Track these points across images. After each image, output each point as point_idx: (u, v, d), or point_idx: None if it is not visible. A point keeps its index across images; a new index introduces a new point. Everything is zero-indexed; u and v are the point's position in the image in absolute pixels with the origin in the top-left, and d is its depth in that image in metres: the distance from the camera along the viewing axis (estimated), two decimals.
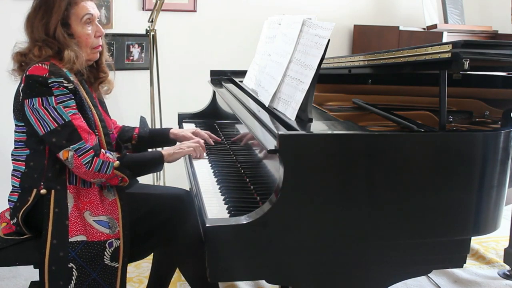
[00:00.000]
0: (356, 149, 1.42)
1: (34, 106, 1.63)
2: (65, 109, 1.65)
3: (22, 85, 1.67)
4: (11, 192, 1.75)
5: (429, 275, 2.47)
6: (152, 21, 2.94)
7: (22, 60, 1.75)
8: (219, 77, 2.65)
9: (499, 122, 1.97)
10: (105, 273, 1.65)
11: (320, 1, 3.75)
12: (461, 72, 1.65)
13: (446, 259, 1.55)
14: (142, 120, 2.08)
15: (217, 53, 3.51)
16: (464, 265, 1.56)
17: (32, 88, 1.64)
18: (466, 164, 1.48)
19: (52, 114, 1.63)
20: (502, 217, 1.60)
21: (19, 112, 1.71)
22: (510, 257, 2.66)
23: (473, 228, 1.51)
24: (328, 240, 1.43)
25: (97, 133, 1.74)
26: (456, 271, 2.67)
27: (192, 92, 3.39)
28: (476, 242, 3.03)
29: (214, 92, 2.60)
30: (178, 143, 1.97)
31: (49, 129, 1.64)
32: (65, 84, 1.65)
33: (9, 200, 1.75)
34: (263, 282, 2.17)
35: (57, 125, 1.64)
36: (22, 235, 1.73)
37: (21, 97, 1.67)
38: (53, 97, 1.63)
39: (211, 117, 2.58)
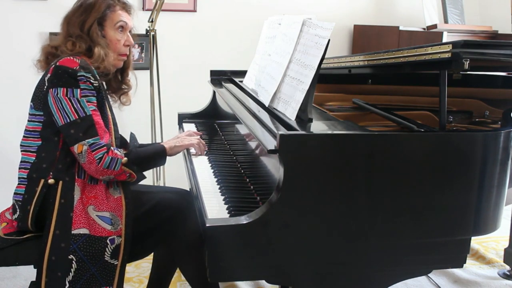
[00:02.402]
0: (356, 149, 1.42)
1: (58, 95, 1.66)
2: (88, 103, 1.68)
3: (49, 75, 1.69)
4: (18, 185, 1.74)
5: (429, 275, 2.47)
6: (152, 21, 2.94)
7: (51, 52, 1.79)
8: (219, 77, 2.65)
9: (499, 122, 1.97)
10: (104, 270, 1.65)
11: (320, 1, 3.75)
12: (461, 72, 1.65)
13: (446, 259, 1.55)
14: (132, 136, 2.11)
15: (217, 53, 3.51)
16: (464, 265, 1.56)
17: (59, 78, 1.67)
18: (466, 164, 1.48)
19: (74, 106, 1.66)
20: (502, 217, 1.60)
21: (39, 101, 1.73)
22: (510, 257, 2.66)
23: (473, 228, 1.51)
24: (328, 240, 1.43)
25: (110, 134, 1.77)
26: (456, 271, 2.67)
27: (192, 92, 3.39)
28: (476, 242, 3.03)
29: (214, 92, 2.60)
30: (177, 135, 1.99)
31: (69, 120, 1.66)
32: (92, 81, 1.70)
33: (15, 193, 1.74)
34: (263, 282, 2.17)
35: (77, 117, 1.66)
36: (22, 235, 1.73)
37: (45, 87, 1.70)
38: (78, 90, 1.67)
39: (211, 117, 2.58)
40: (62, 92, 1.66)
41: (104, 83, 1.88)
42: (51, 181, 1.69)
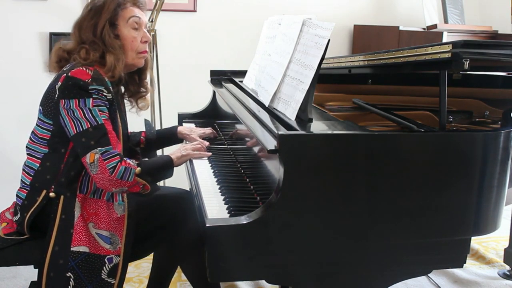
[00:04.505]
0: (356, 149, 1.42)
1: (71, 108, 1.62)
2: (100, 113, 1.64)
3: (60, 83, 1.65)
4: (20, 188, 1.74)
5: (429, 275, 2.47)
6: (152, 21, 2.94)
7: (63, 56, 1.75)
8: (219, 77, 2.65)
9: (499, 122, 1.97)
10: None
11: (320, 1, 3.75)
12: (461, 72, 1.64)
13: (446, 259, 1.55)
14: (147, 123, 2.07)
15: (217, 53, 3.52)
16: (464, 265, 1.56)
17: (70, 90, 1.62)
18: (466, 164, 1.48)
19: (86, 115, 1.62)
20: (502, 217, 1.60)
21: (50, 109, 1.69)
22: (510, 257, 2.66)
23: (473, 228, 1.51)
24: (328, 240, 1.43)
25: None
26: (456, 271, 2.67)
27: (192, 92, 3.40)
28: (476, 242, 3.03)
29: (214, 92, 2.60)
30: (181, 144, 1.96)
31: (81, 129, 1.61)
32: (104, 93, 1.65)
33: (17, 196, 1.74)
34: (263, 282, 2.17)
35: (89, 126, 1.61)
36: (22, 235, 1.73)
37: (56, 96, 1.65)
38: (90, 99, 1.62)
39: (211, 117, 2.58)
40: (75, 103, 1.61)
41: (122, 88, 1.84)
42: (52, 194, 1.67)
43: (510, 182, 1.60)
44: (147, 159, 1.92)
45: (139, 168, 1.65)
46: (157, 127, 3.12)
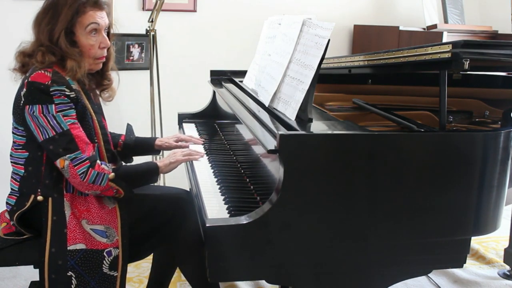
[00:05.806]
0: (356, 149, 1.42)
1: (34, 114, 1.62)
2: (64, 118, 1.63)
3: (24, 90, 1.65)
4: (9, 194, 1.74)
5: (429, 275, 2.47)
6: (152, 21, 2.94)
7: (24, 61, 1.74)
8: (219, 77, 2.65)
9: (499, 122, 1.97)
10: (104, 282, 1.64)
11: (320, 1, 3.75)
12: (461, 72, 1.64)
13: (446, 259, 1.55)
14: (129, 128, 2.07)
15: (217, 53, 3.51)
16: (464, 265, 1.57)
17: (33, 95, 1.62)
18: (466, 164, 1.48)
19: (51, 122, 1.62)
20: (502, 217, 1.60)
21: (19, 116, 1.69)
22: (510, 257, 2.66)
23: (473, 228, 1.51)
24: (328, 240, 1.43)
25: (96, 141, 1.74)
26: (456, 271, 2.67)
27: (192, 92, 3.39)
28: (476, 242, 3.03)
29: (214, 92, 2.60)
30: (171, 151, 1.94)
31: (47, 137, 1.62)
32: (67, 93, 1.64)
33: (6, 203, 1.74)
34: (263, 282, 2.17)
35: (55, 133, 1.62)
36: (22, 235, 1.73)
37: (22, 102, 1.66)
38: (53, 105, 1.62)
39: (211, 117, 2.58)
40: (38, 109, 1.61)
41: (87, 80, 1.78)
42: (39, 198, 1.67)
43: (510, 182, 1.60)
44: (128, 164, 1.90)
45: (112, 174, 1.66)
46: (157, 127, 3.12)
